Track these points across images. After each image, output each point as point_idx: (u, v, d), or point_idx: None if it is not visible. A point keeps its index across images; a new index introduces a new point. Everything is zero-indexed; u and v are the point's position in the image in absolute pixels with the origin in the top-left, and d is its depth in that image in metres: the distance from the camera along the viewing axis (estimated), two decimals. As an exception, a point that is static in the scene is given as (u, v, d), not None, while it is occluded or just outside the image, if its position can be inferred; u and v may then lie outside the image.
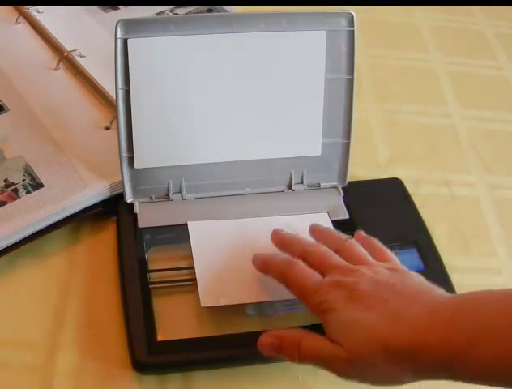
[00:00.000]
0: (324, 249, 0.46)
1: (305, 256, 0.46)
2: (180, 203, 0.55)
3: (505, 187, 0.66)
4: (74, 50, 0.67)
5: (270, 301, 0.49)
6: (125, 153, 0.53)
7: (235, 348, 0.47)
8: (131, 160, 0.53)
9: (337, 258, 0.45)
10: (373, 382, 0.41)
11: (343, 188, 0.58)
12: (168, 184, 0.55)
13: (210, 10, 0.77)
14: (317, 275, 0.44)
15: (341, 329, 0.41)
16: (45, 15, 0.72)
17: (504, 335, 0.35)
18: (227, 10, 0.77)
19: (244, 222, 0.55)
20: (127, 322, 0.48)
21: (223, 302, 0.49)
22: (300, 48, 0.53)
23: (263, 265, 0.48)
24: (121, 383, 0.47)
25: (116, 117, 0.52)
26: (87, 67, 0.65)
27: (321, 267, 0.44)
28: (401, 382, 0.40)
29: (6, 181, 0.54)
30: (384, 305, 0.40)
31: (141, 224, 0.53)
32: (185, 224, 0.54)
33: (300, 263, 0.45)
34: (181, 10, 0.76)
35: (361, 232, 0.50)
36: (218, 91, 0.53)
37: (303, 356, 0.42)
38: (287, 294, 0.46)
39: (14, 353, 0.48)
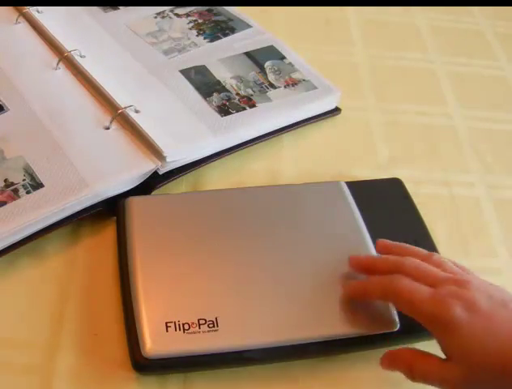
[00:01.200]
0: (422, 263, 0.45)
1: (403, 270, 0.45)
2: None
3: (505, 187, 0.66)
4: (74, 50, 0.67)
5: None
6: None
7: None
8: None
9: (443, 272, 0.44)
10: None
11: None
12: None
13: (210, 11, 0.77)
14: (426, 288, 0.43)
15: (462, 349, 0.40)
16: (45, 15, 0.72)
17: None
18: (227, 10, 0.77)
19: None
20: (127, 322, 0.48)
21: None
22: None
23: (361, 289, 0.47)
24: (121, 383, 0.47)
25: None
26: (87, 67, 0.65)
27: (427, 280, 0.43)
28: None
29: (6, 181, 0.54)
30: (503, 325, 0.40)
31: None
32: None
33: (405, 277, 0.44)
34: (181, 10, 0.76)
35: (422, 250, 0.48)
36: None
37: (416, 378, 0.43)
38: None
39: (14, 353, 0.48)
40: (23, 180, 0.54)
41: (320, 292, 0.50)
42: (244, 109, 0.65)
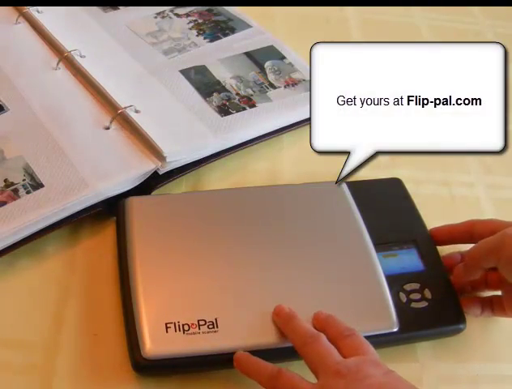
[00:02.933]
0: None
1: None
2: None
3: (505, 187, 0.66)
4: (74, 50, 0.67)
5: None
6: None
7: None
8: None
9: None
10: None
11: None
12: None
13: (210, 11, 0.77)
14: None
15: None
16: (45, 15, 0.72)
17: None
18: (227, 10, 0.77)
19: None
20: (127, 323, 0.48)
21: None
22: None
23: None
24: (121, 384, 0.47)
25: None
26: (87, 67, 0.65)
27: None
28: None
29: (6, 181, 0.54)
30: None
31: None
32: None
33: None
34: (181, 10, 0.76)
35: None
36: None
37: None
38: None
39: (14, 353, 0.48)
40: (23, 180, 0.54)
41: (320, 292, 0.50)
42: (244, 109, 0.65)
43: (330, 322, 0.47)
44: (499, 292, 0.52)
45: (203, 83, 0.67)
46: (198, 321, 0.47)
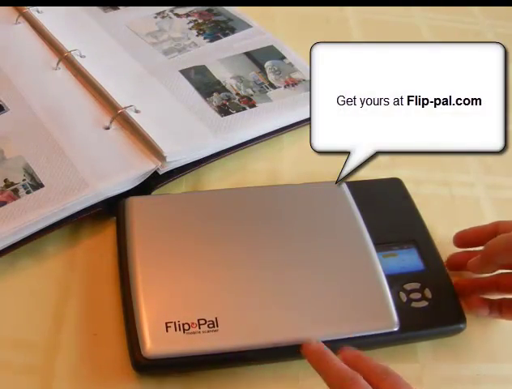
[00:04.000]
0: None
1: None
2: None
3: (505, 187, 0.66)
4: (74, 50, 0.67)
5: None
6: None
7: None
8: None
9: None
10: None
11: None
12: None
13: (210, 11, 0.77)
14: None
15: None
16: (45, 15, 0.72)
17: None
18: (227, 10, 0.77)
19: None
20: (127, 322, 0.48)
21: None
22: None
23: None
24: (121, 383, 0.47)
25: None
26: (87, 67, 0.65)
27: None
28: None
29: (6, 181, 0.54)
30: None
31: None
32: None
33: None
34: (181, 10, 0.76)
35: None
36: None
37: None
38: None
39: (14, 353, 0.48)
40: (23, 180, 0.54)
41: (320, 291, 0.50)
42: (244, 109, 0.65)
43: (360, 360, 0.44)
44: (510, 296, 0.52)
45: (203, 83, 0.67)
46: (199, 320, 0.47)
